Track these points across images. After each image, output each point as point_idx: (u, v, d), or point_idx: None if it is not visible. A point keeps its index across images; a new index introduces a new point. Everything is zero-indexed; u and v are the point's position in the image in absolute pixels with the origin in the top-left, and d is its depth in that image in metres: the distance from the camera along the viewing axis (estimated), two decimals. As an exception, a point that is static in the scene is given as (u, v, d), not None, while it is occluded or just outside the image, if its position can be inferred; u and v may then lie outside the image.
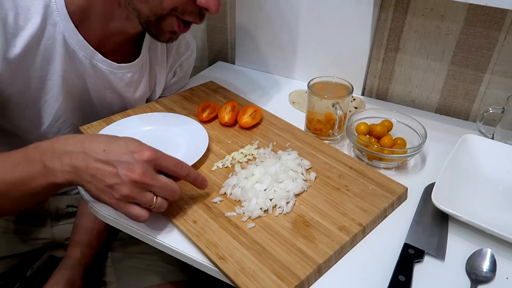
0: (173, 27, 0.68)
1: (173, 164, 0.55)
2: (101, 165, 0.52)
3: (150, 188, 0.53)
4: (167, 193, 0.54)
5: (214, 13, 0.65)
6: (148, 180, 0.52)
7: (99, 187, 0.52)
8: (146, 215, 0.53)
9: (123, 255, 0.84)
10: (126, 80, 0.78)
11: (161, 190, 0.53)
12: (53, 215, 0.89)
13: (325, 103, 0.74)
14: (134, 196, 0.52)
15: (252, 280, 0.49)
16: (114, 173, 0.51)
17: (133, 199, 0.52)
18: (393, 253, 0.56)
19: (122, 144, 0.53)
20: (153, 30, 0.69)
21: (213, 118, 0.81)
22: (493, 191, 0.67)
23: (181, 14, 0.66)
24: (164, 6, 0.64)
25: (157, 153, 0.54)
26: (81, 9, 0.66)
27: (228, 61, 1.16)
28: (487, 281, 0.53)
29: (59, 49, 0.67)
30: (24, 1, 0.62)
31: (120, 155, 0.52)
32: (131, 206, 0.53)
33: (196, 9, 0.66)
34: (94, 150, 0.52)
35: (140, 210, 0.53)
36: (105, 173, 0.51)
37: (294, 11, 0.95)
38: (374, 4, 0.85)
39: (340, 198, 0.62)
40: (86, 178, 0.52)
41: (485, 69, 0.83)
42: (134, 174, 0.51)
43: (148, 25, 0.67)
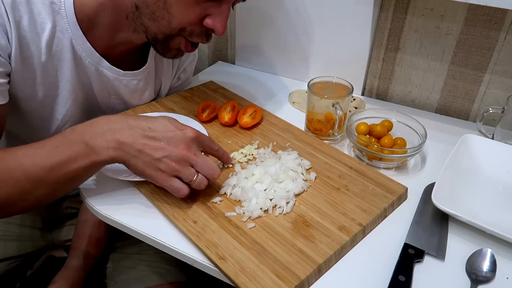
0: (180, 47, 0.69)
1: (209, 141, 0.61)
2: (148, 140, 0.55)
3: (193, 163, 0.56)
4: (208, 170, 0.58)
5: (221, 34, 0.67)
6: (193, 156, 0.56)
7: (146, 161, 0.55)
8: (187, 189, 0.57)
9: (122, 256, 0.84)
10: (131, 87, 0.78)
11: (202, 167, 0.57)
12: (52, 217, 0.89)
13: (325, 103, 0.74)
14: (179, 169, 0.55)
15: (252, 280, 0.49)
16: (162, 147, 0.55)
17: (177, 172, 0.56)
18: (393, 253, 0.56)
19: (166, 122, 0.58)
20: (159, 47, 0.70)
21: (213, 118, 0.81)
22: (493, 191, 0.67)
23: (189, 35, 0.67)
24: (172, 26, 0.65)
25: (198, 132, 0.58)
26: (89, 17, 0.66)
27: (228, 61, 1.16)
28: (487, 281, 0.53)
29: (67, 55, 0.68)
30: (36, 6, 0.62)
31: (167, 132, 0.56)
32: (174, 179, 0.56)
33: (203, 29, 0.67)
34: (140, 126, 0.56)
35: (182, 184, 0.57)
36: (153, 147, 0.55)
37: (294, 11, 0.95)
38: (374, 4, 0.85)
39: (340, 198, 0.62)
40: (132, 153, 0.55)
41: (485, 69, 0.83)
42: (181, 148, 0.55)
43: (155, 41, 0.68)
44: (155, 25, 0.65)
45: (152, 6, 0.63)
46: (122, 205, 0.62)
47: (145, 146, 0.55)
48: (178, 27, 0.65)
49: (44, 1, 0.63)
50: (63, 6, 0.64)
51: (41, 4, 0.63)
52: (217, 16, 0.65)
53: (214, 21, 0.65)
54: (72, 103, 0.73)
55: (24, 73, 0.65)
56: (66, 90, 0.71)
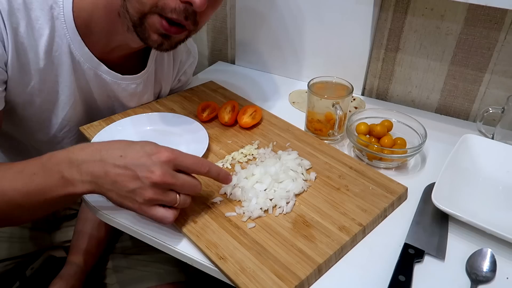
0: (158, 28, 0.62)
1: (192, 162, 0.54)
2: (120, 170, 0.51)
3: (171, 187, 0.52)
4: (189, 189, 0.54)
5: (199, 8, 0.59)
6: (169, 180, 0.51)
7: (121, 194, 0.51)
8: (171, 215, 0.53)
9: (122, 256, 0.84)
10: (130, 91, 0.78)
11: (182, 188, 0.53)
12: (51, 218, 0.89)
13: (325, 103, 0.74)
14: (157, 198, 0.51)
15: (252, 280, 0.49)
16: (135, 177, 0.51)
17: (156, 201, 0.52)
18: (393, 253, 0.56)
19: (138, 148, 0.53)
20: (140, 33, 0.64)
21: (213, 118, 0.81)
22: (493, 191, 0.67)
23: (162, 10, 0.60)
24: (143, 0, 0.60)
25: (175, 153, 0.53)
26: (86, 23, 0.66)
27: (228, 61, 1.16)
28: (487, 281, 0.53)
29: (65, 61, 0.67)
30: (34, 11, 0.62)
31: (138, 159, 0.51)
32: (156, 209, 0.52)
33: (179, 6, 0.60)
34: (111, 156, 0.52)
35: (165, 211, 0.53)
36: (125, 178, 0.51)
37: (294, 11, 0.95)
38: (374, 4, 0.85)
39: (340, 198, 0.62)
40: (106, 186, 0.52)
41: (485, 69, 0.83)
42: (154, 175, 0.50)
43: (134, 27, 0.64)
44: (131, 6, 0.61)
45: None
46: (122, 205, 0.62)
47: (117, 177, 0.51)
48: (150, 2, 0.60)
49: (43, 6, 0.62)
50: (61, 12, 0.64)
51: (39, 9, 0.62)
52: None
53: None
54: (70, 108, 0.72)
55: (22, 79, 0.65)
56: (64, 95, 0.70)
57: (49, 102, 0.70)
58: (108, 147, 0.53)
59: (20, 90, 0.66)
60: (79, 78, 0.71)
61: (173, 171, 0.52)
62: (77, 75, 0.70)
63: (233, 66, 1.13)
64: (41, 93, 0.68)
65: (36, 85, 0.66)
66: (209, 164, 0.56)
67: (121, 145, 0.54)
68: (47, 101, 0.70)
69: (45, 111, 0.71)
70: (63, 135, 0.76)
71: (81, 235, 0.82)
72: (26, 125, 0.72)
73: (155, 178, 0.50)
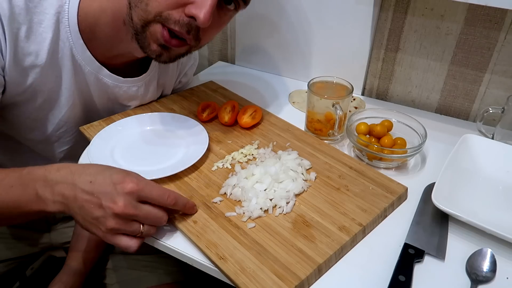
0: (158, 38, 0.62)
1: (158, 194, 0.54)
2: (87, 196, 0.51)
3: (134, 218, 0.52)
4: (153, 220, 0.54)
5: (202, 24, 0.59)
6: (130, 211, 0.51)
7: (87, 219, 0.52)
8: (135, 245, 0.53)
9: (122, 256, 0.84)
10: (130, 93, 0.78)
11: (146, 219, 0.53)
12: (50, 219, 0.89)
13: (325, 103, 0.74)
14: (119, 227, 0.51)
15: (252, 280, 0.49)
16: (99, 205, 0.51)
17: (119, 231, 0.52)
18: (393, 253, 0.56)
19: (107, 175, 0.53)
20: (140, 41, 0.64)
21: (213, 118, 0.81)
22: (493, 191, 0.67)
23: (166, 21, 0.60)
24: (149, 9, 0.60)
25: (140, 184, 0.52)
26: (91, 27, 0.66)
27: (228, 61, 1.16)
28: (487, 281, 0.53)
29: (67, 63, 0.67)
30: (38, 15, 0.62)
31: (104, 187, 0.52)
32: (119, 238, 0.52)
33: (184, 19, 0.60)
34: (82, 181, 0.52)
35: (128, 241, 0.53)
36: (91, 205, 0.51)
37: (294, 11, 0.95)
38: (374, 4, 0.85)
39: (340, 198, 0.62)
40: (75, 210, 0.52)
41: (485, 69, 0.83)
42: (116, 206, 0.50)
43: (136, 35, 0.63)
44: (136, 13, 0.61)
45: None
46: (122, 205, 0.62)
47: (84, 202, 0.51)
48: (154, 10, 0.60)
49: (49, 10, 0.63)
50: (66, 16, 0.64)
51: (44, 13, 0.62)
52: (199, 3, 0.59)
53: (195, 8, 0.59)
54: (68, 109, 0.72)
55: (22, 82, 0.65)
56: (64, 96, 0.70)
57: (47, 102, 0.70)
58: (81, 172, 0.53)
59: (20, 91, 0.66)
60: (80, 81, 0.71)
61: (136, 202, 0.52)
62: (78, 78, 0.70)
63: (233, 66, 1.13)
64: (40, 94, 0.68)
65: (37, 86, 0.67)
66: (175, 196, 0.55)
67: (93, 170, 0.54)
68: (45, 102, 0.70)
69: (42, 110, 0.71)
70: (59, 135, 0.76)
71: (80, 235, 0.81)
72: (23, 123, 0.72)
73: (117, 209, 0.50)
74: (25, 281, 0.92)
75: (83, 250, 0.80)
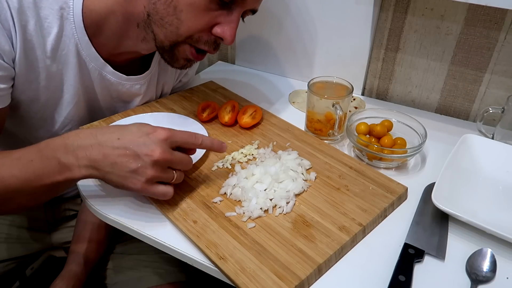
0: (187, 55, 0.68)
1: (188, 136, 0.58)
2: (119, 151, 0.53)
3: (169, 164, 0.55)
4: (184, 165, 0.58)
5: (229, 43, 0.66)
6: (168, 157, 0.54)
7: (122, 174, 0.53)
8: (172, 190, 0.57)
9: (122, 256, 0.84)
10: (134, 91, 0.79)
11: (178, 164, 0.57)
12: (50, 219, 0.89)
13: (325, 103, 0.74)
14: (158, 175, 0.54)
15: (252, 280, 0.49)
16: (136, 157, 0.53)
17: (158, 179, 0.54)
18: (393, 253, 0.56)
19: (134, 129, 0.55)
20: (166, 56, 0.69)
21: (213, 118, 0.81)
22: (493, 191, 0.67)
23: (196, 42, 0.66)
24: (180, 32, 0.64)
25: (171, 131, 0.56)
26: (97, 24, 0.67)
27: (228, 61, 1.16)
28: (487, 281, 0.53)
29: (72, 60, 0.68)
30: (44, 10, 0.62)
31: (136, 139, 0.54)
32: (157, 186, 0.55)
33: (211, 38, 0.66)
34: (109, 139, 0.54)
35: (165, 188, 0.56)
36: (126, 159, 0.53)
37: (294, 11, 0.95)
38: (374, 4, 0.85)
39: (340, 198, 0.62)
40: (106, 169, 0.53)
41: (485, 69, 0.83)
42: (155, 153, 0.53)
43: (162, 50, 0.68)
44: (163, 32, 0.65)
45: (162, 12, 0.63)
46: (122, 205, 0.62)
47: (117, 158, 0.53)
48: (185, 34, 0.65)
49: (53, 6, 0.63)
50: (71, 12, 0.64)
51: (49, 8, 0.63)
52: (226, 24, 0.65)
53: (223, 30, 0.65)
54: (74, 106, 0.73)
55: (29, 76, 0.65)
56: (69, 93, 0.71)
57: (53, 99, 0.70)
58: (103, 132, 0.55)
59: (26, 87, 0.66)
60: (84, 78, 0.71)
61: (170, 148, 0.55)
62: (82, 74, 0.71)
63: (233, 66, 1.13)
64: (46, 90, 0.68)
65: (42, 82, 0.67)
66: (201, 136, 0.59)
67: (116, 129, 0.56)
68: (51, 99, 0.70)
69: (48, 108, 0.71)
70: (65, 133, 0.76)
71: (81, 235, 0.81)
72: (29, 122, 0.72)
73: (156, 156, 0.53)
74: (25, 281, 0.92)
75: (84, 249, 0.80)
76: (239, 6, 0.65)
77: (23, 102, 0.68)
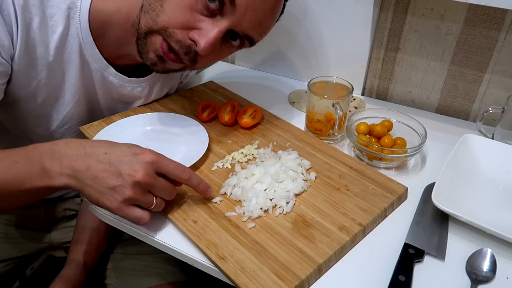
0: (157, 48, 0.63)
1: (174, 167, 0.55)
2: (103, 166, 0.51)
3: (150, 189, 0.53)
4: (166, 193, 0.55)
5: (201, 52, 0.61)
6: (150, 181, 0.52)
7: (100, 190, 0.51)
8: (148, 216, 0.54)
9: (122, 256, 0.84)
10: (135, 93, 0.78)
11: (161, 191, 0.54)
12: (50, 219, 0.89)
13: (325, 103, 0.74)
14: (136, 197, 0.52)
15: (252, 280, 0.49)
16: (117, 174, 0.51)
17: (135, 201, 0.52)
18: (393, 253, 0.56)
19: (123, 147, 0.54)
20: (140, 46, 0.65)
21: (213, 118, 0.81)
22: (493, 191, 0.67)
23: (168, 37, 0.62)
24: (157, 20, 0.61)
25: (159, 156, 0.54)
26: (102, 26, 0.67)
27: (228, 61, 1.16)
28: (487, 281, 0.53)
29: (75, 59, 0.68)
30: (50, 8, 0.62)
31: (122, 157, 0.52)
32: (133, 209, 0.53)
33: (185, 40, 0.62)
34: (96, 152, 0.52)
35: (142, 212, 0.53)
36: (107, 175, 0.51)
37: (294, 11, 0.95)
38: (374, 4, 0.85)
39: (340, 198, 0.62)
40: (86, 182, 0.51)
41: (485, 69, 0.83)
42: (138, 174, 0.51)
43: (138, 38, 0.64)
44: (145, 18, 0.62)
45: None
46: (122, 205, 0.62)
47: (99, 172, 0.51)
48: (161, 24, 0.61)
49: (61, 5, 0.63)
50: (78, 12, 0.64)
51: (56, 7, 0.63)
52: (205, 31, 0.61)
53: (200, 35, 0.60)
54: (74, 105, 0.73)
55: (29, 73, 0.65)
56: (69, 92, 0.71)
57: (53, 98, 0.70)
58: (93, 144, 0.54)
59: (26, 84, 0.66)
60: (86, 78, 0.71)
61: (154, 173, 0.53)
62: (84, 74, 0.71)
63: (233, 66, 1.13)
64: (46, 88, 0.68)
65: (43, 80, 0.67)
66: (190, 172, 0.56)
67: (106, 144, 0.55)
68: (51, 97, 0.70)
69: (47, 106, 0.71)
70: (63, 131, 0.76)
71: (81, 235, 0.82)
72: (28, 119, 0.72)
73: (138, 177, 0.51)
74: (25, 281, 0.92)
75: (84, 249, 0.80)
76: (227, 20, 0.61)
77: (22, 98, 0.68)
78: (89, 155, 0.52)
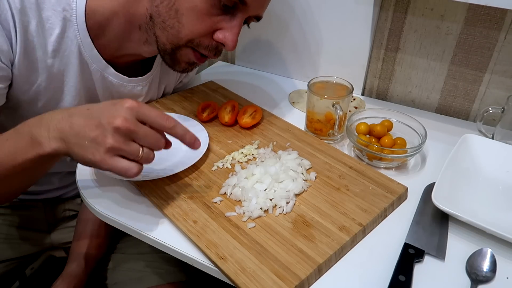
0: (189, 58, 0.69)
1: (157, 114, 0.52)
2: (84, 120, 0.50)
3: (133, 137, 0.50)
4: (152, 141, 0.52)
5: (230, 49, 0.66)
6: (131, 126, 0.49)
7: (83, 144, 0.50)
8: (136, 168, 0.51)
9: (122, 256, 0.84)
10: (135, 92, 0.79)
11: (145, 138, 0.51)
12: (50, 219, 0.89)
13: (325, 103, 0.74)
14: (119, 146, 0.49)
15: (252, 280, 0.49)
16: (97, 125, 0.49)
17: (119, 151, 0.50)
18: (393, 253, 0.56)
19: (107, 102, 0.52)
20: (168, 59, 0.69)
21: (213, 118, 0.81)
22: (493, 191, 0.67)
23: (197, 46, 0.66)
24: (181, 36, 0.64)
25: (139, 103, 0.51)
26: (100, 25, 0.67)
27: (228, 61, 1.16)
28: (487, 281, 0.53)
29: (74, 61, 0.68)
30: (46, 11, 0.62)
31: (103, 108, 0.51)
32: (118, 159, 0.50)
33: (212, 43, 0.66)
34: (78, 110, 0.52)
35: (128, 163, 0.50)
36: (88, 128, 0.50)
37: (294, 11, 0.95)
38: (374, 4, 0.85)
39: (340, 198, 0.62)
40: (72, 140, 0.51)
41: (485, 69, 0.83)
42: (116, 121, 0.49)
43: (164, 52, 0.68)
44: (165, 35, 0.65)
45: (164, 15, 0.63)
46: (122, 205, 0.62)
47: (80, 127, 0.50)
48: (186, 38, 0.65)
49: (56, 7, 0.63)
50: (74, 13, 0.64)
51: (51, 10, 0.63)
52: (228, 30, 0.65)
53: (225, 35, 0.65)
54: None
55: (29, 77, 0.65)
56: (70, 94, 0.71)
57: (54, 101, 0.70)
58: (78, 106, 0.54)
59: (27, 88, 0.66)
60: (85, 79, 0.71)
61: (136, 120, 0.50)
62: (84, 76, 0.70)
63: (233, 66, 1.13)
64: (47, 91, 0.68)
65: (43, 83, 0.67)
66: (175, 121, 0.53)
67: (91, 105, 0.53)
68: (52, 100, 0.70)
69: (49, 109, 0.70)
70: None
71: (81, 236, 0.82)
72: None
73: (117, 123, 0.49)
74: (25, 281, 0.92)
75: (85, 249, 0.80)
76: (241, 12, 0.64)
77: (24, 102, 0.68)
78: (72, 114, 0.52)
